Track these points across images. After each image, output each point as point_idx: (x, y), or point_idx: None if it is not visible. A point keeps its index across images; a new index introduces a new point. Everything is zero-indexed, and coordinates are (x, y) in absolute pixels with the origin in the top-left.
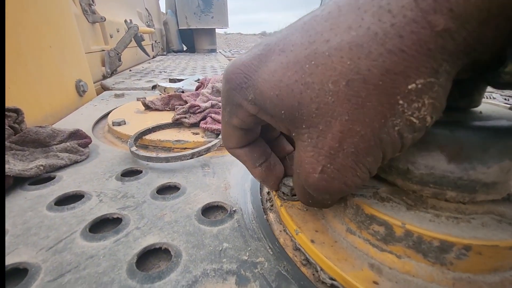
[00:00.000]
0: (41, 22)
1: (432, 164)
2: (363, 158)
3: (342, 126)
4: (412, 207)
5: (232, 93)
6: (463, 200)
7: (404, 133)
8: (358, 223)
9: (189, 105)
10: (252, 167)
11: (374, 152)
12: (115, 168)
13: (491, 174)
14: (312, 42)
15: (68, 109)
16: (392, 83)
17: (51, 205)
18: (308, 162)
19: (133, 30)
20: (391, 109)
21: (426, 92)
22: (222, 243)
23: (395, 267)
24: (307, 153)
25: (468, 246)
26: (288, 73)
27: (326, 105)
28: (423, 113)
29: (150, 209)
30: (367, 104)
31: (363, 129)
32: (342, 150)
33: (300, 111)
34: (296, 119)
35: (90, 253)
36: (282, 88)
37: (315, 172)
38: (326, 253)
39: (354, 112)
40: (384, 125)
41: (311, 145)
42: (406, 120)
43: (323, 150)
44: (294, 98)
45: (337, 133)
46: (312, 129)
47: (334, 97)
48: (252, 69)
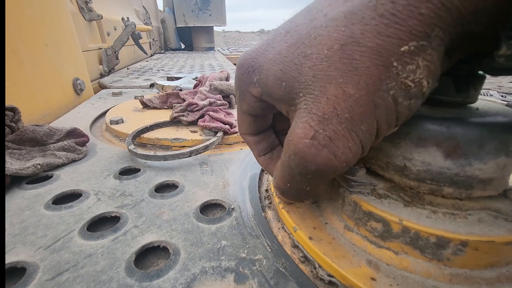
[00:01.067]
0: (37, 20)
1: (429, 160)
2: (357, 126)
3: (336, 89)
4: (409, 204)
5: (241, 77)
6: (459, 196)
7: (399, 98)
8: (356, 220)
9: (187, 103)
10: (257, 155)
11: (368, 120)
12: (113, 167)
13: (487, 170)
14: (312, 19)
15: (66, 108)
16: (385, 45)
17: (49, 204)
18: (300, 127)
19: (130, 28)
20: (386, 71)
21: (419, 54)
22: (220, 240)
23: (392, 264)
24: (301, 118)
25: (465, 242)
26: (291, 49)
27: (322, 70)
28: (419, 76)
29: (149, 208)
30: (361, 66)
31: (357, 91)
32: (336, 115)
33: (298, 80)
34: (295, 89)
35: (88, 252)
36: (285, 63)
37: (306, 137)
38: (324, 250)
39: (348, 74)
40: (379, 88)
41: (306, 111)
42: (401, 84)
43: (317, 114)
44: (296, 69)
45: (332, 97)
46: (308, 96)
47: (329, 62)
48: (260, 53)
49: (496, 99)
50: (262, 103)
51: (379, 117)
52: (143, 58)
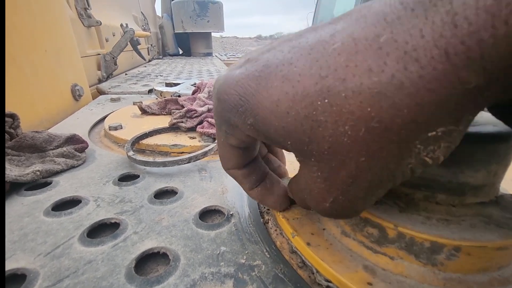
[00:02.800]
0: (36, 27)
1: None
2: (375, 191)
3: (357, 165)
4: (405, 210)
5: (227, 114)
6: (453, 202)
7: (416, 170)
8: (352, 225)
9: (186, 109)
10: (249, 189)
11: (386, 185)
12: (112, 173)
13: (479, 178)
14: (324, 76)
15: (64, 114)
16: (414, 132)
17: (48, 211)
18: (318, 192)
19: (129, 34)
20: (409, 152)
21: (444, 138)
22: (219, 246)
23: (388, 268)
24: (317, 184)
25: (458, 247)
26: (296, 106)
27: (341, 145)
28: (437, 154)
29: (148, 214)
30: (385, 149)
31: (378, 170)
32: (356, 186)
33: (309, 146)
34: (304, 151)
35: (88, 258)
36: (289, 122)
37: (326, 202)
38: (322, 256)
39: (371, 155)
40: (399, 165)
41: (321, 178)
42: (420, 160)
43: (335, 184)
44: (304, 133)
45: (352, 171)
46: (323, 164)
47: (351, 140)
48: (250, 92)
49: None
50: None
51: (395, 181)
52: (141, 63)
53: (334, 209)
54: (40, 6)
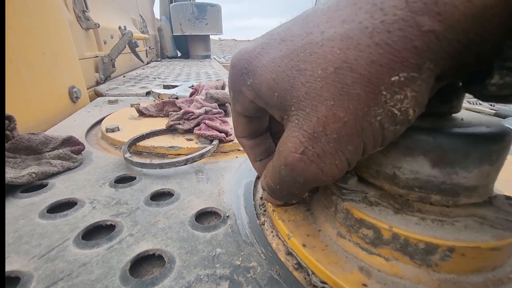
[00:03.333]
0: (35, 30)
1: (417, 169)
2: (344, 146)
3: (327, 110)
4: (399, 211)
5: (234, 78)
6: (446, 203)
7: (385, 124)
8: (348, 227)
9: (183, 111)
10: (253, 160)
11: (355, 141)
12: (109, 175)
13: (472, 179)
14: (309, 33)
15: (61, 116)
16: (377, 74)
17: (43, 213)
18: (291, 141)
19: (127, 37)
20: (375, 98)
21: (408, 85)
22: (215, 248)
23: (383, 270)
24: (293, 133)
25: (452, 248)
26: (285, 59)
27: (315, 90)
28: (405, 105)
29: (144, 216)
30: (351, 91)
31: (346, 115)
32: (325, 135)
33: (291, 94)
34: (287, 101)
35: (83, 261)
36: (278, 73)
37: (296, 152)
38: (317, 257)
39: (339, 97)
40: (366, 114)
41: (297, 126)
42: (388, 111)
43: (307, 132)
44: (288, 82)
45: (322, 117)
46: (300, 111)
47: (322, 83)
48: (254, 56)
49: (485, 108)
50: (256, 105)
51: (365, 139)
52: (139, 65)
53: (302, 161)
54: (38, 9)
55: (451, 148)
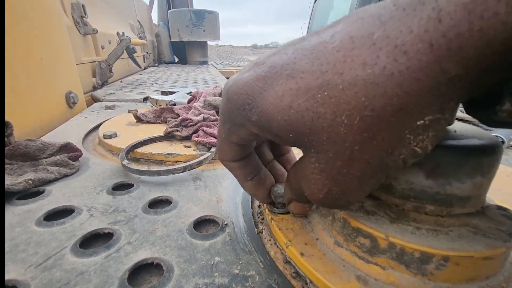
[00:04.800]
0: (33, 35)
1: (412, 179)
2: (368, 181)
3: (352, 154)
4: (395, 220)
5: (234, 113)
6: (441, 213)
7: (408, 160)
8: (345, 235)
9: (181, 118)
10: (244, 181)
11: (378, 176)
12: (106, 182)
13: (465, 189)
14: (324, 72)
15: (58, 121)
16: (403, 120)
17: (40, 220)
18: (314, 183)
19: (125, 42)
20: (399, 141)
21: (432, 126)
22: (214, 257)
23: (380, 278)
24: (315, 175)
25: (446, 257)
26: (299, 100)
27: (338, 135)
28: (426, 143)
29: (142, 224)
30: (377, 137)
31: (371, 157)
32: (349, 175)
33: (309, 137)
34: (304, 143)
35: (80, 270)
36: (291, 114)
37: (321, 193)
38: (315, 266)
39: (364, 143)
40: (391, 154)
41: (318, 168)
42: (411, 150)
43: (331, 174)
44: (305, 125)
45: (346, 160)
46: (321, 154)
47: (347, 129)
48: (257, 91)
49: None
50: (257, 135)
51: (387, 172)
52: (137, 71)
53: (328, 199)
54: (37, 15)
55: (444, 159)
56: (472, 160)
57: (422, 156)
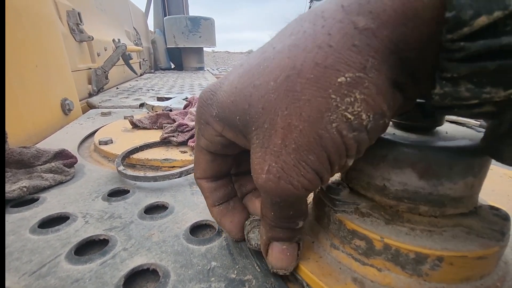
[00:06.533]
0: (28, 43)
1: (405, 180)
2: (305, 156)
3: (282, 121)
4: (390, 222)
5: (200, 110)
6: (434, 213)
7: (343, 131)
8: (341, 238)
9: (177, 123)
10: (211, 205)
11: (315, 150)
12: (102, 188)
13: (458, 190)
14: (263, 52)
15: (53, 128)
16: (323, 76)
17: (35, 228)
18: (256, 162)
19: (121, 49)
20: (325, 103)
21: (356, 86)
22: (210, 261)
23: (376, 280)
24: (256, 154)
25: (441, 257)
26: (242, 79)
27: (269, 102)
28: (357, 108)
29: (138, 230)
30: (302, 98)
31: (300, 123)
32: (285, 147)
33: (250, 113)
34: (247, 122)
35: (75, 277)
36: (236, 94)
37: (263, 172)
38: (312, 269)
39: (291, 106)
40: (321, 120)
41: (259, 145)
42: (341, 116)
43: (269, 148)
44: (246, 100)
45: (279, 129)
46: (259, 129)
47: (276, 94)
48: (218, 86)
49: (470, 119)
50: (223, 139)
51: (326, 148)
52: (133, 77)
53: (270, 180)
54: (32, 23)
55: (436, 160)
56: (463, 161)
57: (361, 130)
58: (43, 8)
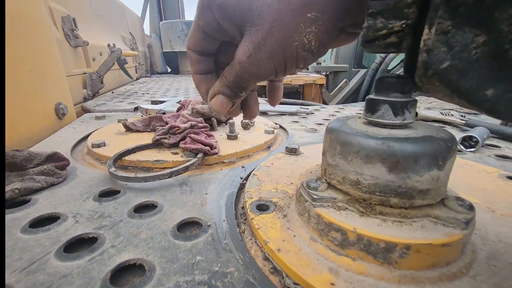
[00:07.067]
0: (22, 49)
1: (376, 174)
2: (274, 56)
3: (268, 29)
4: (364, 214)
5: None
6: (404, 205)
7: (299, 49)
8: (319, 231)
9: (169, 126)
10: (194, 72)
11: (280, 55)
12: (93, 189)
13: (424, 182)
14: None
15: (47, 132)
16: (301, 10)
17: (25, 228)
18: (243, 48)
19: (116, 54)
20: (296, 27)
21: (315, 22)
22: (195, 256)
23: (350, 269)
24: (245, 42)
25: (408, 246)
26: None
27: (264, 12)
28: (311, 37)
29: (127, 228)
30: (285, 19)
31: (279, 34)
32: (264, 46)
33: (248, 13)
34: (244, 19)
35: (63, 273)
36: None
37: (245, 56)
38: (291, 260)
39: (277, 21)
40: (290, 37)
41: (248, 38)
42: (301, 39)
43: (254, 42)
44: (247, 3)
45: (264, 33)
46: (252, 28)
47: (270, 9)
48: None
49: (456, 119)
50: (218, 25)
51: (286, 56)
52: (128, 81)
53: (248, 63)
54: (27, 29)
55: (404, 155)
56: (427, 155)
57: (309, 52)
58: (37, 14)
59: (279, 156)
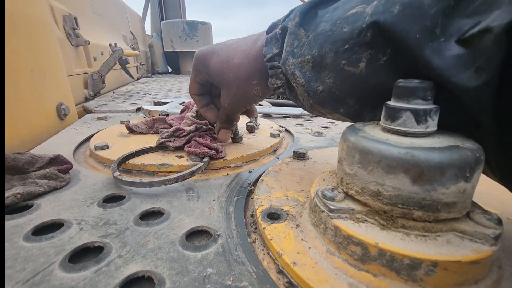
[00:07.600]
0: (23, 49)
1: (399, 186)
2: (240, 101)
3: (235, 89)
4: (385, 227)
5: (198, 64)
6: (428, 218)
7: (253, 96)
8: (337, 244)
9: (174, 129)
10: (200, 107)
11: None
12: (97, 194)
13: (450, 195)
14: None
15: (48, 133)
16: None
17: (28, 235)
18: (223, 99)
19: (118, 54)
20: (248, 87)
21: (258, 84)
22: (206, 268)
23: (371, 286)
24: (224, 95)
25: (435, 263)
26: (218, 66)
27: (230, 81)
28: (258, 90)
29: (133, 236)
30: (242, 86)
31: (240, 92)
32: (234, 97)
33: (221, 81)
34: (220, 84)
35: (69, 285)
36: (217, 69)
37: (225, 103)
38: (308, 275)
39: (237, 85)
40: (246, 92)
41: (225, 94)
42: (253, 92)
43: (230, 95)
44: (220, 75)
45: (233, 91)
46: (225, 89)
47: (234, 79)
48: (209, 56)
49: None
50: (207, 80)
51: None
52: (129, 81)
53: (228, 106)
54: (28, 29)
55: (429, 166)
56: (454, 166)
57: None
58: (39, 13)
59: (286, 160)
